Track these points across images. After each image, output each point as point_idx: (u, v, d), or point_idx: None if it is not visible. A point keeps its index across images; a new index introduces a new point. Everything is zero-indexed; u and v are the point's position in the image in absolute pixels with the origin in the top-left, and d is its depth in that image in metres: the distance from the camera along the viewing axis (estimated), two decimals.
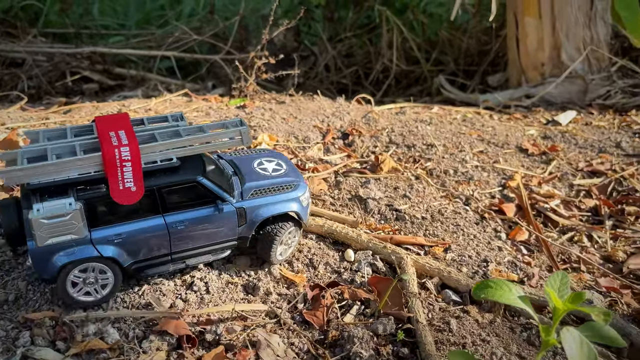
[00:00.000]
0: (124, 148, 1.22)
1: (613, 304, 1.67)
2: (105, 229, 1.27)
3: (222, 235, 1.39)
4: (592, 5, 3.49)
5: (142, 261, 1.33)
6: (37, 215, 1.16)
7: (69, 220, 1.19)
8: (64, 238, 1.21)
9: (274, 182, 1.47)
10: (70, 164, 1.20)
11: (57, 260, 1.23)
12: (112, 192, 1.23)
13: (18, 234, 1.27)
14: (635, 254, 1.95)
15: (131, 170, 1.23)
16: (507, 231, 2.00)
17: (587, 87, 3.51)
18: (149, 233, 1.30)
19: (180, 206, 1.33)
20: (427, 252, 1.73)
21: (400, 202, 1.99)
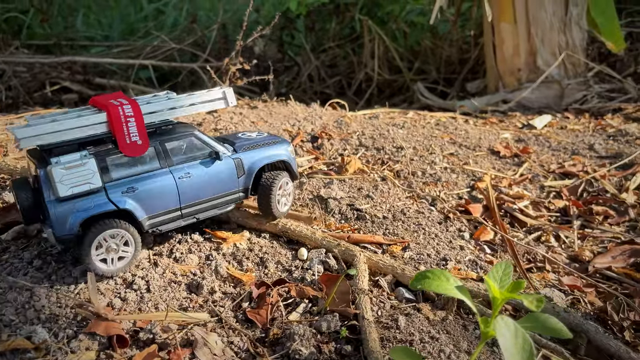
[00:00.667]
0: (126, 106, 1.35)
1: (575, 302, 1.63)
2: (119, 183, 1.35)
3: (225, 186, 1.51)
4: (567, 11, 3.50)
5: (156, 216, 1.41)
6: (56, 166, 1.24)
7: (85, 169, 1.27)
8: (82, 187, 1.28)
9: (260, 140, 1.63)
10: (79, 121, 1.30)
11: (78, 214, 1.28)
12: (120, 146, 1.34)
13: (33, 209, 1.33)
14: (602, 254, 1.91)
15: (135, 125, 1.35)
16: (472, 231, 1.96)
17: (563, 92, 3.50)
18: (158, 185, 1.39)
19: (184, 160, 1.46)
20: (385, 251, 1.68)
21: (363, 202, 1.95)
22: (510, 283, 1.04)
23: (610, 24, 3.82)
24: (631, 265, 1.87)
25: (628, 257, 1.88)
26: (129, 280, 1.37)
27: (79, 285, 1.33)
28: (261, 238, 1.61)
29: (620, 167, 2.55)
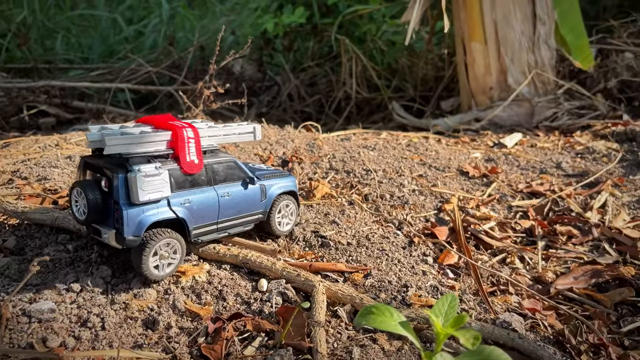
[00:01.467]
0: (188, 129, 1.54)
1: (535, 326, 1.64)
2: (178, 195, 1.51)
3: (251, 207, 1.72)
4: (535, 30, 3.57)
5: (199, 227, 1.58)
6: (138, 174, 1.38)
7: (160, 179, 1.43)
8: (156, 195, 1.43)
9: (273, 171, 1.86)
10: (152, 137, 1.47)
11: (146, 218, 1.44)
12: (182, 163, 1.52)
13: (100, 209, 1.44)
14: (564, 274, 1.94)
15: (194, 145, 1.54)
16: (437, 255, 1.97)
17: (533, 110, 3.55)
18: (206, 200, 1.58)
19: (225, 180, 1.65)
20: (347, 279, 1.69)
21: (328, 228, 1.96)
22: (452, 317, 1.05)
23: (579, 42, 3.90)
24: (593, 286, 1.90)
25: (589, 278, 1.91)
26: (84, 318, 1.36)
27: (32, 324, 1.33)
28: (222, 270, 1.61)
29: (586, 185, 2.59)
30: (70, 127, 4.69)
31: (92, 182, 1.48)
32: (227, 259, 1.64)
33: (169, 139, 1.52)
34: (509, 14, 3.50)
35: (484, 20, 3.56)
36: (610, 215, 2.30)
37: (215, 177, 1.63)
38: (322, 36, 5.83)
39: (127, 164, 1.43)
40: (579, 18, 3.95)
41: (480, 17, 3.57)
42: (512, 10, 3.50)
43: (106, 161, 1.47)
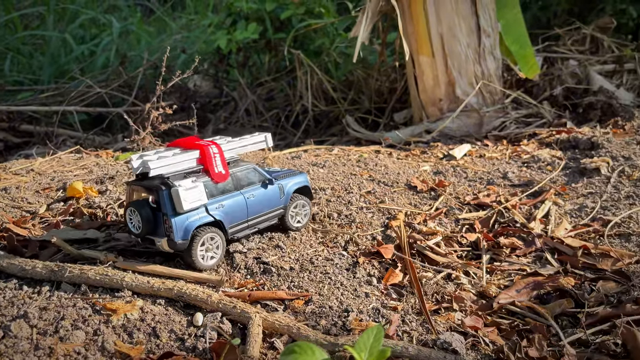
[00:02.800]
0: (212, 147, 1.85)
1: (475, 344, 1.65)
2: (212, 202, 1.81)
3: (273, 204, 2.02)
4: (480, 42, 3.64)
5: (234, 226, 1.89)
6: (180, 188, 1.69)
7: (199, 189, 1.74)
8: (197, 203, 1.74)
9: (287, 172, 2.14)
10: (185, 157, 1.79)
11: (191, 223, 1.73)
12: (212, 175, 1.83)
13: (152, 222, 1.74)
14: (507, 288, 1.96)
15: (220, 159, 1.85)
16: (382, 274, 1.97)
17: (482, 120, 3.62)
18: (235, 203, 1.88)
19: (248, 184, 1.96)
20: (288, 307, 1.66)
21: (271, 253, 1.94)
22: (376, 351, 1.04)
23: (523, 51, 4.00)
24: (535, 298, 1.92)
25: (531, 290, 1.93)
26: None
27: None
28: (156, 305, 1.57)
29: (531, 195, 2.64)
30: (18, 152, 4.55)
31: (141, 201, 1.77)
32: (161, 293, 1.59)
33: (198, 157, 1.83)
34: (454, 27, 3.57)
35: (431, 34, 3.61)
36: (553, 224, 2.35)
37: (240, 183, 1.94)
38: (277, 51, 5.82)
39: (169, 181, 1.74)
40: (523, 29, 4.05)
41: (426, 30, 3.62)
42: (457, 24, 3.56)
43: (149, 182, 1.76)
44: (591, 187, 2.63)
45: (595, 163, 2.76)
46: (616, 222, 2.30)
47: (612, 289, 1.91)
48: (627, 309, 1.77)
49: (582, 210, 2.44)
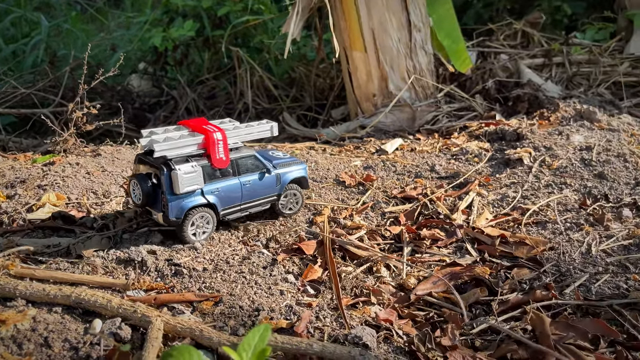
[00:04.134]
0: (217, 133, 1.94)
1: (389, 337, 1.64)
2: (209, 186, 1.95)
3: (267, 192, 2.14)
4: (411, 37, 3.67)
5: (227, 209, 2.03)
6: (179, 172, 1.82)
7: (196, 175, 1.87)
8: (193, 187, 1.87)
9: (287, 160, 2.25)
10: (189, 141, 1.90)
11: (185, 204, 1.89)
12: (213, 161, 1.94)
13: (151, 195, 1.89)
14: (426, 279, 1.97)
15: (222, 146, 1.95)
16: (302, 271, 1.94)
17: (415, 114, 3.65)
18: (231, 189, 2.01)
19: (247, 171, 2.07)
20: (196, 308, 1.61)
21: (184, 254, 1.87)
22: (256, 351, 1.01)
23: (456, 46, 4.07)
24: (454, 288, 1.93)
25: (449, 280, 1.94)
26: None
27: None
28: (51, 314, 1.48)
29: (456, 186, 2.67)
30: None
31: (145, 175, 1.92)
32: (58, 300, 1.51)
33: (202, 142, 1.93)
34: (385, 22, 3.58)
35: (362, 29, 3.62)
36: (475, 215, 2.38)
37: (239, 169, 2.05)
38: (216, 48, 5.72)
39: (171, 162, 1.85)
40: (455, 23, 4.11)
41: (358, 26, 3.62)
42: (388, 19, 3.58)
43: (155, 159, 1.88)
44: (514, 177, 2.69)
45: (518, 154, 2.82)
46: (534, 211, 2.36)
47: (525, 275, 1.95)
48: (537, 295, 1.81)
49: (503, 200, 2.49)
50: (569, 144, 2.88)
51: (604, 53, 4.55)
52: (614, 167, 2.62)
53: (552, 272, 1.95)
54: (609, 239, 2.11)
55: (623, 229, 2.15)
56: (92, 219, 2.11)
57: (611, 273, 1.91)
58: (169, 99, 6.06)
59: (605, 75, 4.37)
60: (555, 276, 1.94)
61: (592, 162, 2.67)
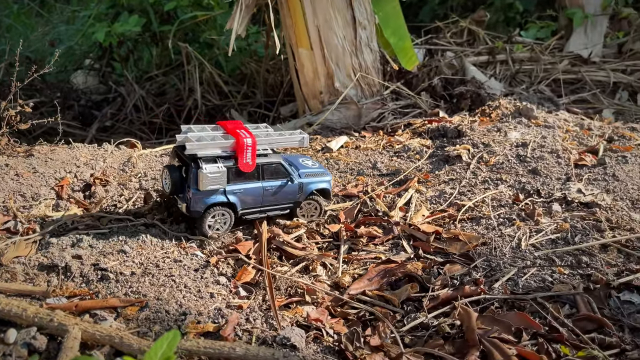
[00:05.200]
0: (248, 139, 2.03)
1: (319, 337, 1.65)
2: (232, 186, 2.07)
3: (288, 198, 2.23)
4: (357, 35, 3.68)
5: (246, 209, 2.15)
6: (205, 171, 1.96)
7: (220, 175, 2.00)
8: (216, 186, 2.01)
9: (314, 170, 2.32)
10: (220, 144, 2.02)
11: (206, 200, 2.03)
12: (239, 164, 2.04)
13: (179, 185, 2.05)
14: (360, 277, 1.98)
15: (251, 152, 2.04)
16: (236, 272, 1.92)
17: (360, 112, 3.67)
18: (253, 192, 2.12)
19: (271, 176, 2.17)
20: (120, 314, 1.57)
21: (112, 258, 1.82)
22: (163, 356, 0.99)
23: (402, 43, 4.10)
24: (387, 285, 1.95)
25: (382, 278, 1.96)
26: None
27: None
28: None
29: (397, 183, 2.70)
30: None
31: (175, 167, 2.09)
32: None
33: (233, 145, 2.04)
34: (331, 19, 3.58)
35: (308, 27, 3.60)
36: (412, 212, 2.41)
37: (264, 174, 2.15)
38: (164, 44, 5.60)
39: (200, 161, 1.99)
40: (402, 21, 4.15)
41: (304, 23, 3.61)
42: (333, 16, 3.58)
43: (187, 155, 2.03)
44: (452, 174, 2.74)
45: (457, 150, 2.87)
46: (469, 207, 2.41)
47: (457, 271, 1.99)
48: (466, 290, 1.85)
49: (441, 197, 2.53)
50: (507, 140, 2.95)
51: (545, 51, 4.69)
52: (547, 162, 2.71)
53: (483, 267, 2.00)
54: (539, 233, 2.17)
55: (552, 224, 2.22)
56: (17, 222, 2.03)
57: (538, 267, 1.97)
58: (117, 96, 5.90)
59: (546, 72, 4.51)
60: (486, 271, 1.98)
61: (527, 158, 2.75)
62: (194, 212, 2.04)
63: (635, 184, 2.49)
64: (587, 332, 1.65)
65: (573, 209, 2.34)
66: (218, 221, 2.10)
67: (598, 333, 1.64)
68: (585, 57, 4.60)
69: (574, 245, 2.07)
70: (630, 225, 2.17)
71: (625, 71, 4.54)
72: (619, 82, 4.42)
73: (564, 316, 1.72)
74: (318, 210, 2.34)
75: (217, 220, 2.10)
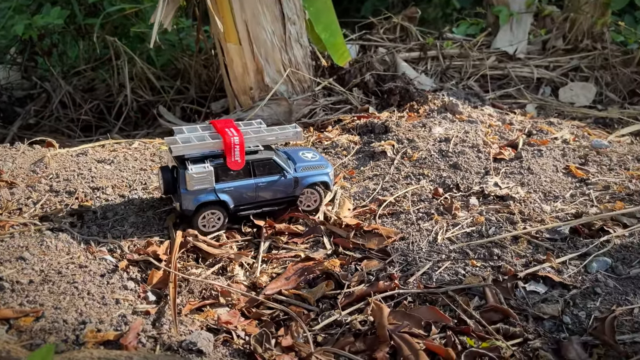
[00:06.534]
0: (235, 137, 2.05)
1: (229, 340, 1.61)
2: (222, 184, 2.10)
3: (283, 193, 2.25)
4: (286, 30, 3.64)
5: (239, 206, 2.17)
6: (191, 171, 2.00)
7: (207, 175, 2.03)
8: (203, 186, 2.04)
9: (312, 163, 2.33)
10: (208, 143, 2.05)
11: (196, 199, 2.06)
12: (228, 163, 2.07)
13: (171, 185, 2.09)
14: (278, 276, 1.96)
15: (239, 150, 2.06)
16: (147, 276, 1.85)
17: (291, 108, 3.64)
18: (245, 188, 2.15)
19: (263, 173, 2.18)
20: (12, 326, 1.48)
21: (9, 266, 1.72)
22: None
23: (334, 39, 4.10)
24: (305, 284, 1.94)
25: (299, 276, 1.95)
26: None
27: None
28: None
29: None
30: None
31: (168, 168, 2.15)
32: None
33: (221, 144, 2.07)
34: (259, 14, 3.52)
35: (236, 21, 3.53)
36: (336, 208, 2.41)
37: (255, 171, 2.16)
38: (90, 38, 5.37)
39: (187, 162, 2.05)
40: (333, 17, 4.14)
41: (232, 18, 3.53)
42: (261, 11, 3.52)
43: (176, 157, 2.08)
44: (377, 170, 2.76)
45: (382, 146, 2.90)
46: (390, 202, 2.43)
47: (373, 267, 2.00)
48: (380, 286, 1.86)
49: (364, 192, 2.54)
50: (430, 136, 3.00)
51: (474, 47, 4.82)
52: (468, 157, 2.77)
53: (400, 262, 2.02)
54: (455, 227, 2.21)
55: (469, 217, 2.27)
56: None
57: (452, 260, 2.01)
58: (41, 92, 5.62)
59: (474, 68, 4.63)
60: (402, 266, 2.00)
61: (448, 153, 2.81)
62: (186, 211, 2.09)
63: (548, 177, 2.59)
64: (493, 323, 1.70)
65: (489, 202, 2.40)
66: (211, 219, 2.14)
67: (504, 323, 1.69)
68: (511, 54, 4.75)
69: (487, 238, 2.13)
70: (541, 217, 2.25)
71: (548, 67, 4.73)
72: (542, 78, 4.60)
73: (473, 308, 1.76)
74: (317, 201, 2.35)
75: (210, 218, 2.13)
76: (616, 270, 1.89)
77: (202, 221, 2.13)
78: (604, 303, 1.74)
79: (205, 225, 2.14)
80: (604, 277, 1.85)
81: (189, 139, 2.07)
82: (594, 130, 3.47)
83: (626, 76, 4.49)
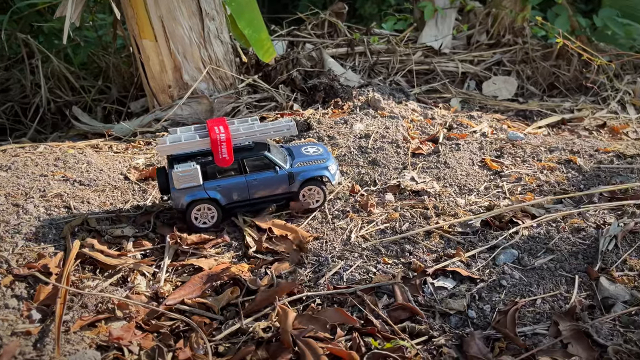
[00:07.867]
0: (222, 134, 2.08)
1: (119, 357, 1.50)
2: (212, 182, 2.13)
3: (279, 189, 2.21)
4: (204, 26, 3.52)
5: (233, 203, 2.19)
6: (176, 171, 2.06)
7: (193, 173, 2.07)
8: (189, 184, 2.09)
9: (311, 158, 2.27)
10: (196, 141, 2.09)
11: (186, 198, 2.11)
12: (215, 160, 2.10)
13: (166, 186, 2.15)
14: (182, 285, 1.86)
15: (226, 147, 2.08)
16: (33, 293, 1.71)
17: (212, 106, 3.53)
18: (236, 185, 2.16)
19: (254, 170, 2.17)
20: None
21: None
22: None
23: (258, 35, 4.00)
24: (213, 291, 1.85)
25: (205, 284, 1.86)
26: None
27: None
28: None
29: None
30: None
31: (163, 169, 2.17)
32: None
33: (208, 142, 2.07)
34: (174, 9, 3.38)
35: (151, 17, 3.37)
36: None
37: (246, 167, 2.16)
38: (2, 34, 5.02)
39: (175, 161, 2.09)
40: (257, 12, 4.04)
41: (146, 13, 3.38)
42: (177, 6, 3.38)
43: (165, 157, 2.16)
44: None
45: None
46: None
47: (284, 269, 1.93)
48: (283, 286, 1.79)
49: None
50: (351, 132, 2.97)
51: (401, 43, 4.84)
52: (387, 153, 2.76)
53: (312, 263, 1.96)
54: (370, 224, 2.18)
55: (384, 214, 2.25)
56: None
57: (364, 258, 1.97)
58: None
59: (401, 64, 4.65)
60: (315, 267, 1.95)
61: (368, 149, 2.78)
62: (178, 209, 2.13)
63: (464, 170, 2.61)
64: (400, 321, 1.67)
65: (405, 197, 2.39)
66: (203, 216, 2.15)
67: (411, 322, 1.66)
68: (437, 49, 4.81)
69: (400, 234, 2.10)
70: (455, 211, 2.26)
71: (473, 62, 4.82)
72: (467, 72, 4.68)
73: (382, 307, 1.73)
74: (321, 197, 2.29)
75: (202, 215, 2.14)
76: (522, 262, 1.90)
77: (195, 217, 2.14)
78: (509, 295, 1.75)
79: (199, 221, 2.15)
80: (510, 269, 1.86)
81: (179, 138, 2.08)
82: (513, 123, 3.56)
83: (546, 70, 4.64)
